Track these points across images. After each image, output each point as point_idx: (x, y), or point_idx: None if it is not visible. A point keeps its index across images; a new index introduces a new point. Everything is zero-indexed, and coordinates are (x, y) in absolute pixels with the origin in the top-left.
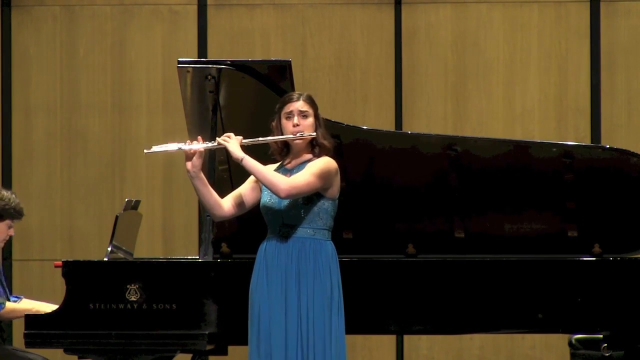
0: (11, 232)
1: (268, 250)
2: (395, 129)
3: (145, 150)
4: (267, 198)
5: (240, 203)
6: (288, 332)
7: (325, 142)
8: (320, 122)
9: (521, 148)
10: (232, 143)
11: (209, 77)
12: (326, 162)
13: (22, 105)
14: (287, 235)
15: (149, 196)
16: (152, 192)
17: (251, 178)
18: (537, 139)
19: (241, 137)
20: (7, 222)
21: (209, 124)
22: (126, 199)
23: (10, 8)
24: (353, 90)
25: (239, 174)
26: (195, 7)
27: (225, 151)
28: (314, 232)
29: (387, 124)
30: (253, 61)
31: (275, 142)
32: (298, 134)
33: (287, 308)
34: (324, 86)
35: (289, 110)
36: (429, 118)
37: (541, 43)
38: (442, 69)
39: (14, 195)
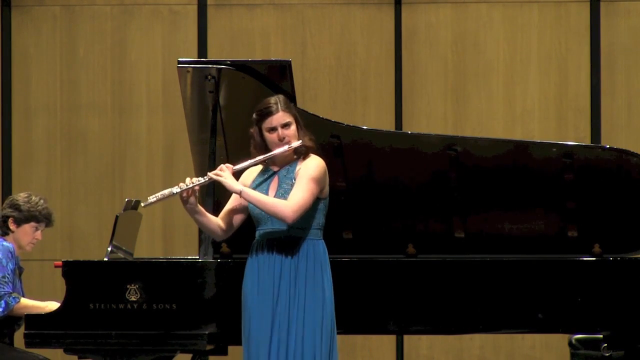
0: (38, 235)
1: (259, 253)
2: (395, 129)
3: (142, 204)
4: None
5: (231, 221)
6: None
7: (310, 143)
8: (301, 123)
9: (521, 148)
10: (226, 176)
11: (209, 77)
12: (316, 167)
13: (22, 105)
14: (280, 237)
15: (149, 196)
16: (152, 192)
17: (234, 195)
18: (537, 139)
19: (231, 166)
20: (33, 224)
21: (208, 124)
22: (126, 199)
23: (10, 8)
24: (353, 90)
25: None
26: (195, 7)
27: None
28: (307, 232)
29: (387, 124)
30: (253, 61)
31: (258, 150)
32: (285, 147)
33: (277, 310)
34: (324, 86)
35: (270, 126)
36: (429, 118)
37: (541, 43)
38: (442, 69)
39: (42, 201)
